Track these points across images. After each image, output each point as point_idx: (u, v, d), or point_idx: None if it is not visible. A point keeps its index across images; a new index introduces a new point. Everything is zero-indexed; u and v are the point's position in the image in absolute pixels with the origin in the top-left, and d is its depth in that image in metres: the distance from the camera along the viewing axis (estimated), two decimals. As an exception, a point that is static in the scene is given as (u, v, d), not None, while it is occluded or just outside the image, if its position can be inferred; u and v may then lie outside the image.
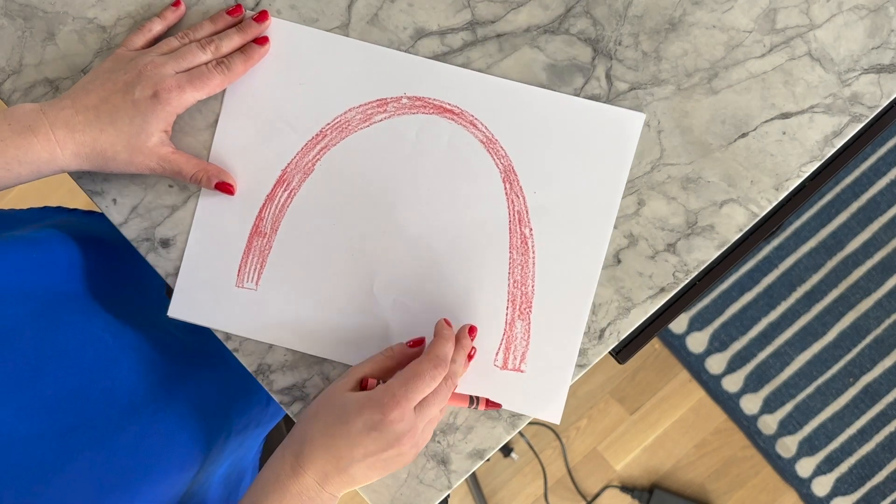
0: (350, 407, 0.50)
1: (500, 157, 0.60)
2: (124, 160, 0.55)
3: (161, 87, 0.54)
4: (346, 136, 0.60)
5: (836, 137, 0.59)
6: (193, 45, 0.57)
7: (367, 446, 0.49)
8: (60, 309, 0.55)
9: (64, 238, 0.60)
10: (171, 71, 0.55)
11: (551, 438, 1.49)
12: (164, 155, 0.56)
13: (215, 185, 0.58)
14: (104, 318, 0.57)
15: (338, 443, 0.49)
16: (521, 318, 0.60)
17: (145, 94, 0.54)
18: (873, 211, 1.46)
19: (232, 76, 0.57)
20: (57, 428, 0.47)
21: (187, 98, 0.55)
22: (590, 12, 0.59)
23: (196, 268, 0.60)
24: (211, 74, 0.56)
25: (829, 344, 1.47)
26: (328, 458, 0.49)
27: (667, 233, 0.60)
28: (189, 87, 0.55)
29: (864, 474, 1.46)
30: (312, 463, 0.49)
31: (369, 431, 0.49)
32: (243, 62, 0.57)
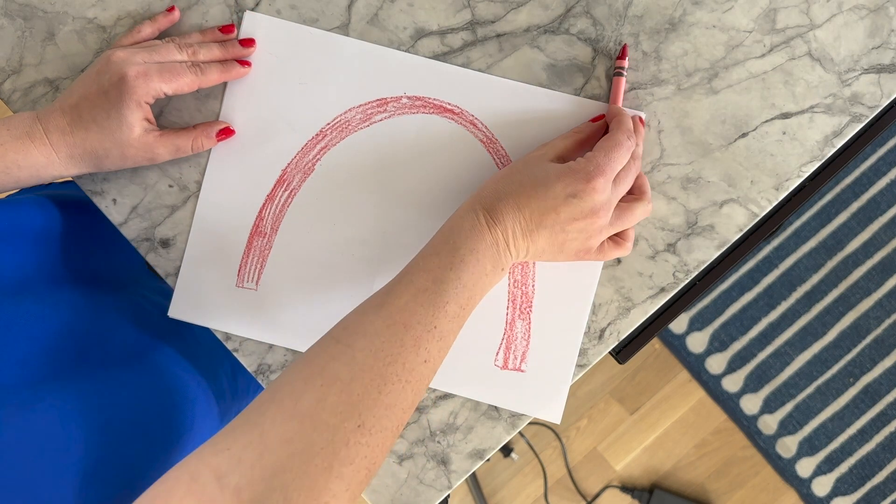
0: (552, 172, 0.51)
1: (500, 157, 0.60)
2: (117, 156, 0.55)
3: (126, 73, 0.53)
4: (347, 136, 0.60)
5: (836, 137, 0.59)
6: (171, 44, 0.56)
7: (562, 211, 0.50)
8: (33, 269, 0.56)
9: (41, 201, 0.62)
10: (139, 60, 0.54)
11: (551, 438, 1.49)
12: (154, 141, 0.56)
13: (216, 137, 0.58)
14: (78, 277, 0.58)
15: (531, 203, 0.50)
16: (522, 318, 0.60)
17: (112, 82, 0.53)
18: (873, 211, 1.46)
19: (205, 80, 0.56)
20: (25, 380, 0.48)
21: (154, 86, 0.54)
22: (590, 12, 0.59)
23: (196, 268, 0.60)
24: (182, 71, 0.55)
25: (829, 344, 1.47)
26: (518, 217, 0.50)
27: (667, 233, 0.60)
28: (156, 77, 0.54)
29: (864, 474, 1.46)
30: (503, 219, 0.50)
31: (568, 197, 0.50)
32: (219, 72, 0.57)
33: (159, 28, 0.59)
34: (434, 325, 0.47)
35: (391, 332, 0.46)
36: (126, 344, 0.59)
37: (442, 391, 0.61)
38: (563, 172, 0.51)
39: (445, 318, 0.47)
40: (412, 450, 0.61)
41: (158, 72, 0.54)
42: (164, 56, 0.55)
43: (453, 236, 0.50)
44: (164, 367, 0.60)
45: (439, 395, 0.61)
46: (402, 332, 0.46)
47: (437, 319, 0.47)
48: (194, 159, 0.60)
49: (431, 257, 0.49)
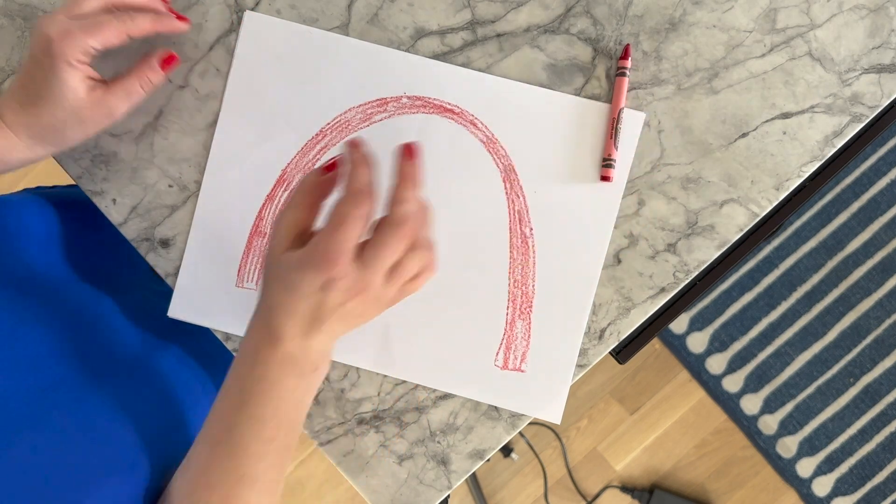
0: (291, 272, 0.45)
1: (500, 157, 0.60)
2: (75, 123, 0.52)
3: (49, 35, 0.50)
4: (346, 136, 0.60)
5: (836, 137, 0.59)
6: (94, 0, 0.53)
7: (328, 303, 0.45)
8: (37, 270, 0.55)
9: (41, 202, 0.61)
10: (60, 19, 0.51)
11: (551, 438, 1.49)
12: (103, 95, 0.53)
13: (162, 68, 0.55)
14: (82, 279, 0.58)
15: (299, 307, 0.45)
16: (522, 318, 0.60)
17: (40, 48, 0.50)
18: (873, 211, 1.46)
19: (133, 28, 0.52)
20: (34, 385, 0.47)
21: (80, 43, 0.50)
22: (590, 12, 0.59)
23: (196, 268, 0.60)
24: (107, 21, 0.51)
25: (829, 344, 1.47)
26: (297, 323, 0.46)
27: (667, 233, 0.60)
28: (80, 32, 0.50)
29: (864, 474, 1.46)
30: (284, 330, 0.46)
31: (321, 291, 0.45)
32: (151, 21, 0.53)
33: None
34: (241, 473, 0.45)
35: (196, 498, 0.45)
36: (130, 347, 0.58)
37: (442, 391, 0.61)
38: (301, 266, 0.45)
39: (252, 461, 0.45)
40: (412, 450, 0.61)
41: (81, 27, 0.50)
42: (81, 7, 0.52)
43: (238, 367, 0.47)
44: (167, 371, 0.60)
45: (439, 395, 0.61)
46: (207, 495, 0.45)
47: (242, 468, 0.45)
48: (193, 158, 0.60)
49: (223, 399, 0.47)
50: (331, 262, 0.44)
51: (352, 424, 0.61)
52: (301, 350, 0.46)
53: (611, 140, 0.58)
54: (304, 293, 0.45)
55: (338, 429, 0.61)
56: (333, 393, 0.61)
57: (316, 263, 0.44)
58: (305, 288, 0.45)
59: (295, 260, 0.45)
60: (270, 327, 0.46)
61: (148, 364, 0.58)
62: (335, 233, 0.45)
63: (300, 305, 0.45)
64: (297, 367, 0.46)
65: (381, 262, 0.45)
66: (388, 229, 0.46)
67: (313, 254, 0.45)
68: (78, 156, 0.61)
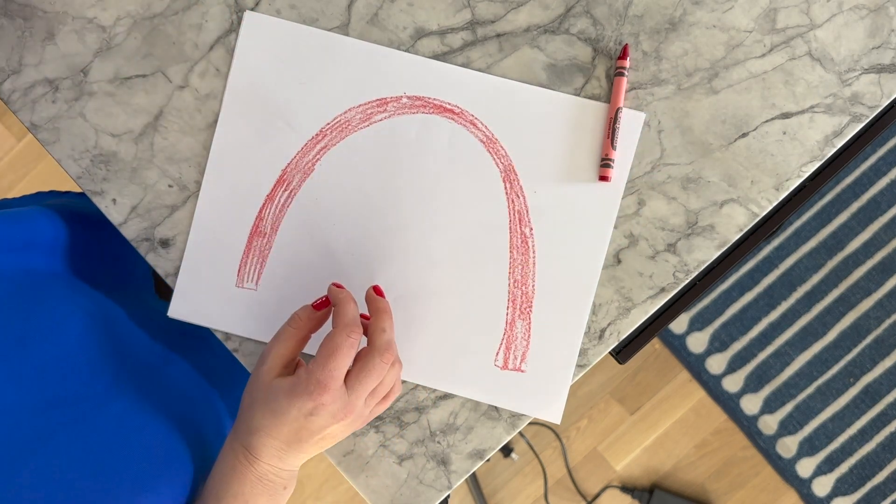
0: (280, 397, 0.50)
1: (500, 157, 0.60)
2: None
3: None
4: (346, 136, 0.60)
5: (836, 137, 0.59)
6: None
7: (309, 428, 0.50)
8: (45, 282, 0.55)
9: (49, 214, 0.61)
10: None
11: (551, 438, 1.49)
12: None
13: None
14: (89, 292, 0.58)
15: (282, 430, 0.50)
16: (522, 318, 0.60)
17: None
18: (873, 211, 1.46)
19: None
20: (40, 401, 0.47)
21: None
22: (590, 12, 0.59)
23: (196, 268, 0.60)
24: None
25: (829, 344, 1.47)
26: (277, 445, 0.50)
27: (667, 233, 0.60)
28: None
29: (864, 474, 1.46)
30: (264, 451, 0.50)
31: (308, 416, 0.49)
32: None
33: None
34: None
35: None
36: (138, 358, 0.58)
37: (442, 391, 0.61)
38: (291, 393, 0.49)
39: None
40: (412, 450, 0.61)
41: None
42: None
43: (215, 482, 0.51)
44: (175, 383, 0.60)
45: (439, 395, 0.61)
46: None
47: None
48: (193, 158, 0.60)
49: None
50: (323, 389, 0.49)
51: (352, 424, 0.61)
52: (275, 471, 0.51)
53: (608, 140, 0.58)
54: (291, 417, 0.49)
55: (338, 429, 0.61)
56: (333, 393, 0.61)
57: (309, 390, 0.49)
58: (294, 412, 0.49)
59: (286, 386, 0.50)
60: (251, 447, 0.50)
61: (155, 377, 0.58)
62: (329, 362, 0.49)
63: (283, 429, 0.49)
64: (269, 486, 0.51)
65: (365, 387, 0.51)
66: (374, 356, 0.51)
67: (307, 381, 0.49)
68: (78, 156, 0.61)
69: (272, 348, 0.52)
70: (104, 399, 0.51)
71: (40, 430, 0.46)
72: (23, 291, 0.52)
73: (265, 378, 0.51)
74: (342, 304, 0.52)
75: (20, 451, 0.44)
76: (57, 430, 0.47)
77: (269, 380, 0.51)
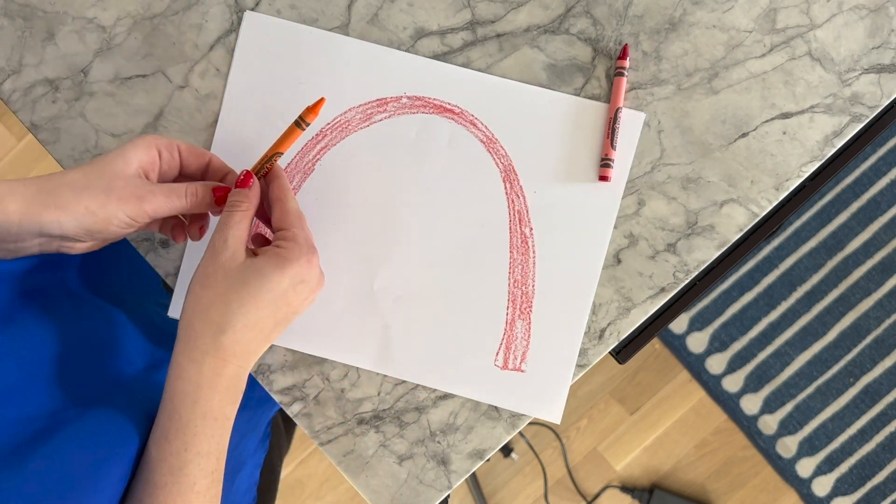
0: (270, 273, 0.46)
1: (500, 157, 0.60)
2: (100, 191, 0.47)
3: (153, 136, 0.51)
4: (347, 136, 0.60)
5: (836, 137, 0.59)
6: None
7: (293, 300, 0.47)
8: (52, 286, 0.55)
9: None
10: None
11: (551, 438, 1.49)
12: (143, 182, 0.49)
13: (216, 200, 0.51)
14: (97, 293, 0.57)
15: (263, 314, 0.46)
16: (522, 318, 0.60)
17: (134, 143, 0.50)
18: (873, 211, 1.46)
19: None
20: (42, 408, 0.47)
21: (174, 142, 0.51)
22: (590, 12, 0.59)
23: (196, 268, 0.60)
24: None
25: (829, 344, 1.47)
26: (254, 336, 0.46)
27: (667, 233, 0.60)
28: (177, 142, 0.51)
29: (864, 474, 1.46)
30: (237, 349, 0.46)
31: (297, 285, 0.47)
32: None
33: None
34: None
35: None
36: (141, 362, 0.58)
37: (442, 391, 0.61)
38: (282, 267, 0.46)
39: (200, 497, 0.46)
40: (412, 450, 0.61)
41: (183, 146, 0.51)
42: None
43: (177, 406, 0.45)
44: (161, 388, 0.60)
45: (439, 395, 0.61)
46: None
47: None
48: (194, 159, 0.60)
49: (162, 443, 0.45)
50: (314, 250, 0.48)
51: (352, 424, 0.61)
52: (242, 372, 0.47)
53: (608, 140, 0.58)
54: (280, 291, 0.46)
55: (338, 429, 0.61)
56: (333, 393, 0.61)
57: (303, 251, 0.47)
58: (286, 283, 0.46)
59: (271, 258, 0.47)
60: (221, 348, 0.45)
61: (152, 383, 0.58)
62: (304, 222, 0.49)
63: (263, 312, 0.46)
64: (235, 392, 0.47)
65: None
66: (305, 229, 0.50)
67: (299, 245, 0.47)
68: (78, 156, 0.61)
69: (227, 233, 0.47)
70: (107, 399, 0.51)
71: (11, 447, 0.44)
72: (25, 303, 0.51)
73: (231, 263, 0.46)
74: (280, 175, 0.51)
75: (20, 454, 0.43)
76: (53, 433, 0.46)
77: (237, 263, 0.46)
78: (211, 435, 0.46)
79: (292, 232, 0.48)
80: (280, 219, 0.50)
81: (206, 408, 0.46)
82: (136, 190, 0.47)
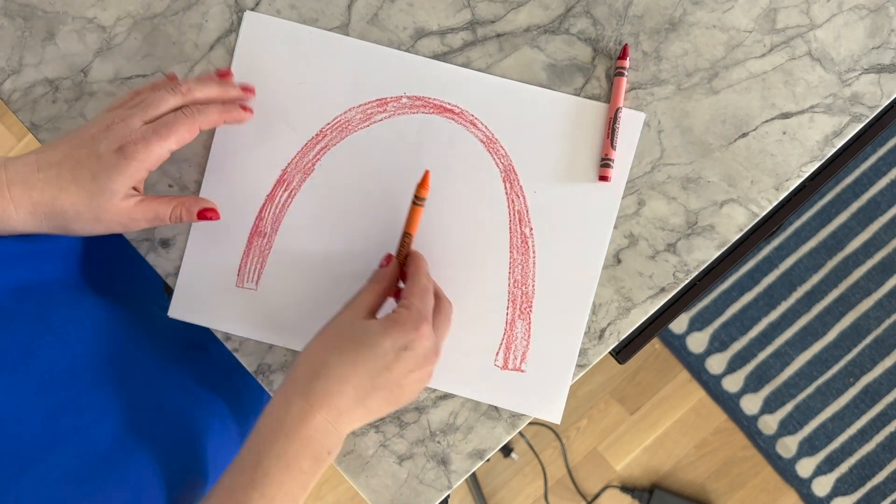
0: (374, 330, 0.48)
1: (500, 157, 0.60)
2: (89, 220, 0.51)
3: (127, 141, 0.50)
4: (347, 136, 0.60)
5: (836, 137, 0.59)
6: (163, 90, 0.53)
7: (395, 368, 0.47)
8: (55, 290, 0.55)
9: None
10: (138, 122, 0.51)
11: (551, 438, 1.49)
12: (134, 207, 0.52)
13: (198, 214, 0.55)
14: (95, 298, 0.57)
15: (359, 369, 0.46)
16: (522, 318, 0.60)
17: (111, 149, 0.50)
18: (873, 211, 1.46)
19: (204, 121, 0.53)
20: (45, 410, 0.47)
21: (154, 150, 0.51)
22: (590, 12, 0.59)
23: (196, 268, 0.60)
24: (177, 121, 0.51)
25: (829, 344, 1.47)
26: (345, 391, 0.46)
27: (667, 233, 0.60)
28: (155, 138, 0.50)
29: (864, 474, 1.46)
30: (327, 400, 0.46)
31: (400, 351, 0.47)
32: (218, 113, 0.54)
33: None
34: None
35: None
36: (142, 366, 0.58)
37: (442, 391, 0.61)
38: (388, 327, 0.48)
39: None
40: (412, 450, 0.61)
41: (154, 131, 0.51)
42: (157, 108, 0.52)
43: (258, 442, 0.46)
44: (179, 390, 0.60)
45: (439, 395, 0.61)
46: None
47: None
48: (193, 158, 0.60)
49: (235, 473, 0.45)
50: (424, 321, 0.48)
51: (352, 424, 0.61)
52: (329, 429, 0.46)
53: (608, 140, 0.58)
54: (380, 353, 0.47)
55: (338, 429, 0.61)
56: (333, 393, 0.61)
57: (412, 319, 0.48)
58: (386, 345, 0.47)
59: (382, 321, 0.49)
60: (312, 393, 0.46)
61: (158, 385, 0.58)
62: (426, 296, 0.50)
63: (360, 370, 0.47)
64: (316, 448, 0.46)
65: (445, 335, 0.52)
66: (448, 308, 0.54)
67: (408, 313, 0.49)
68: (78, 156, 0.61)
69: (356, 298, 0.51)
70: (107, 408, 0.51)
71: (46, 438, 0.45)
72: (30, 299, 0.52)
73: (350, 318, 0.49)
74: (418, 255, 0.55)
75: (24, 458, 0.43)
76: (59, 439, 0.46)
77: (355, 319, 0.49)
78: (281, 482, 0.45)
79: (409, 301, 0.50)
80: (405, 291, 0.52)
81: (282, 451, 0.45)
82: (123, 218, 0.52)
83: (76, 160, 0.50)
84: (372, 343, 0.47)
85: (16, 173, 0.50)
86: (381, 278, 0.53)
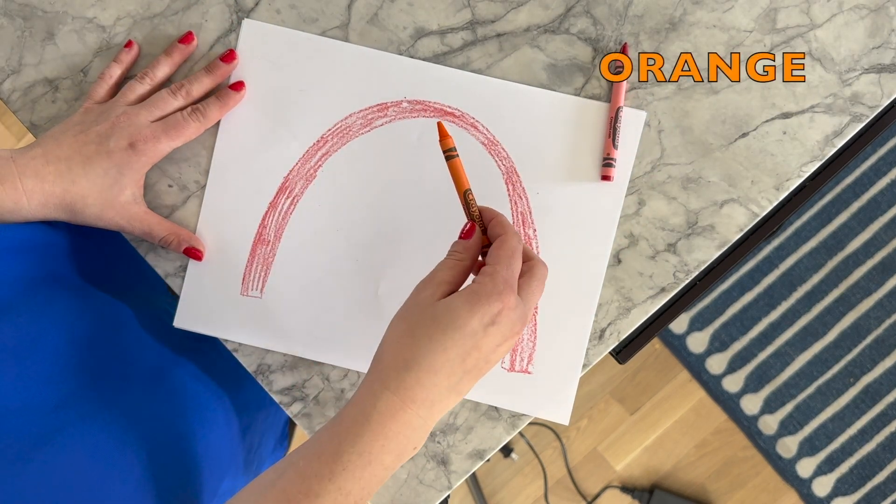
0: (459, 307, 0.44)
1: (501, 159, 0.60)
2: (94, 213, 0.55)
3: (137, 138, 0.54)
4: (348, 142, 0.60)
5: (836, 137, 0.59)
6: (164, 92, 0.57)
7: (484, 345, 0.44)
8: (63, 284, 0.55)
9: None
10: (145, 120, 0.55)
11: (551, 439, 1.49)
12: (136, 214, 0.56)
13: (184, 250, 0.58)
14: (98, 294, 0.58)
15: (450, 356, 0.43)
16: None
17: (121, 145, 0.54)
18: (874, 211, 1.46)
19: (207, 122, 0.57)
20: (50, 400, 0.47)
21: (162, 147, 0.55)
22: (590, 12, 0.59)
23: (200, 277, 0.60)
24: (186, 122, 0.56)
25: (829, 344, 1.47)
26: (438, 382, 0.43)
27: (667, 233, 0.60)
28: (164, 137, 0.55)
29: (864, 474, 1.46)
30: (419, 393, 0.43)
31: (487, 327, 0.44)
32: (219, 108, 0.58)
33: (126, 67, 0.59)
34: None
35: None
36: (146, 359, 0.58)
37: (442, 392, 0.61)
38: (472, 302, 0.44)
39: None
40: (413, 450, 0.61)
41: (164, 130, 0.55)
42: (163, 109, 0.56)
43: (340, 432, 0.43)
44: (182, 384, 0.60)
45: (440, 396, 0.61)
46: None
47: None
48: (193, 159, 0.60)
49: (312, 459, 0.43)
50: (511, 289, 0.44)
51: (352, 425, 0.61)
52: (420, 423, 0.44)
53: (610, 139, 0.58)
54: (468, 332, 0.43)
55: (338, 429, 0.61)
56: (333, 393, 0.61)
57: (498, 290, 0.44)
58: (474, 323, 0.43)
59: (464, 296, 0.44)
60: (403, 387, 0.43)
61: (162, 378, 0.58)
62: (512, 262, 0.46)
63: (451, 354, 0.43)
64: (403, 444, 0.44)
65: (536, 297, 0.47)
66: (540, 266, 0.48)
67: (493, 283, 0.44)
68: (78, 156, 0.61)
69: (435, 274, 0.47)
70: (111, 401, 0.51)
71: (48, 429, 0.46)
72: (38, 291, 0.52)
73: (428, 299, 0.45)
74: (502, 216, 0.49)
75: (27, 449, 0.44)
76: (63, 429, 0.47)
77: (432, 300, 0.45)
78: (360, 477, 0.43)
79: (493, 268, 0.46)
80: (490, 256, 0.47)
81: (366, 448, 0.43)
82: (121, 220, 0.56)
83: (86, 155, 0.53)
84: (460, 325, 0.43)
85: (25, 166, 0.52)
86: (459, 250, 0.49)
